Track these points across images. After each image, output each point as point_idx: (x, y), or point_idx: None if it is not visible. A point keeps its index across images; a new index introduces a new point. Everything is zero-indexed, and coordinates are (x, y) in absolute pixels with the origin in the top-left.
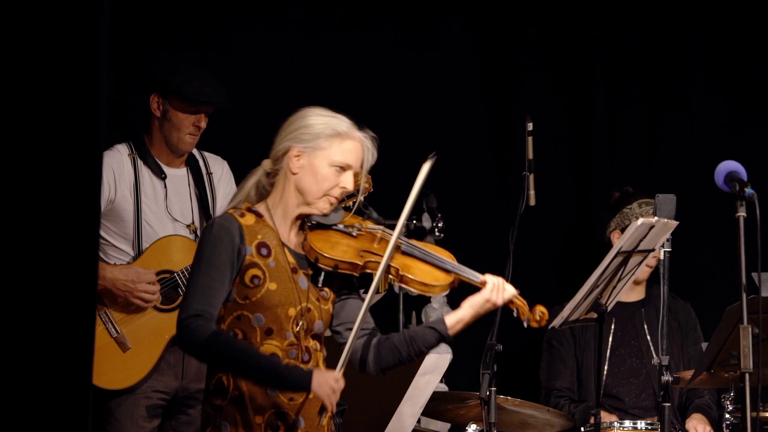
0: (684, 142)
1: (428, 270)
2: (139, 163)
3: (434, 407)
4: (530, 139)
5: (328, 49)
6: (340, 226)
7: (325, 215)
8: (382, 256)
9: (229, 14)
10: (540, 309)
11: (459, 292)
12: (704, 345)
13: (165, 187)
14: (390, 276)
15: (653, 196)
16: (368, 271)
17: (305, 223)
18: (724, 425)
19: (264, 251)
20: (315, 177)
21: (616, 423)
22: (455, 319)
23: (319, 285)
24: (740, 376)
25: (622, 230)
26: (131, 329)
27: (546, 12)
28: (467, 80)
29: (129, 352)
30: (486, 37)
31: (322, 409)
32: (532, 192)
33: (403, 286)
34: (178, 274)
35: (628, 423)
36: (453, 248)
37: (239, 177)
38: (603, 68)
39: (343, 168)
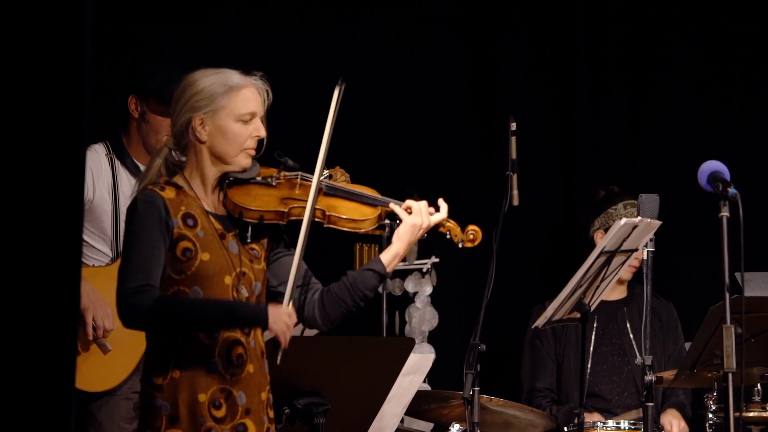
0: (668, 141)
1: (354, 207)
2: (117, 163)
3: (417, 407)
4: (513, 138)
5: (310, 48)
6: (258, 179)
7: (243, 170)
8: (304, 201)
9: (208, 15)
10: (472, 228)
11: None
12: (686, 345)
13: None
14: (317, 219)
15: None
16: (294, 218)
17: (223, 183)
18: (707, 425)
19: (190, 222)
20: (226, 137)
21: (599, 423)
22: (390, 254)
23: (248, 242)
24: (723, 376)
25: (606, 230)
26: (112, 332)
27: (531, 10)
28: (451, 79)
29: (109, 355)
30: (471, 35)
31: (277, 345)
32: (515, 192)
33: (332, 226)
34: None
35: (611, 423)
36: (436, 248)
37: None
38: (588, 67)
39: (249, 117)
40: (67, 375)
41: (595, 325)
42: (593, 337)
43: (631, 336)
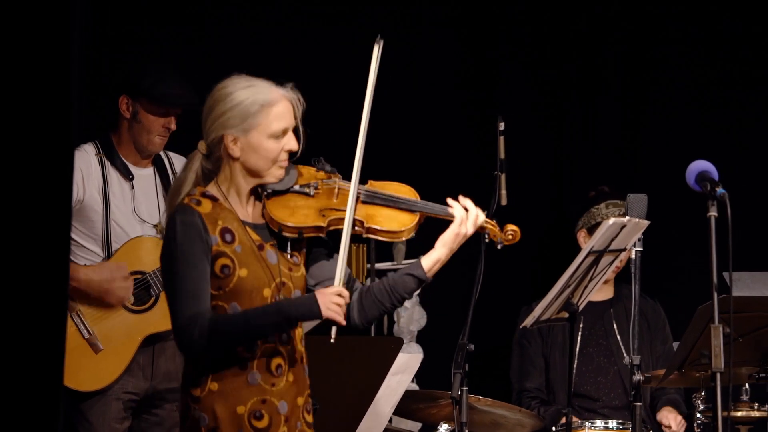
0: (660, 142)
1: (393, 215)
2: (107, 163)
3: (406, 406)
4: (502, 138)
5: (300, 48)
6: (296, 188)
7: (279, 180)
8: (343, 211)
9: (199, 13)
10: (510, 227)
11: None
12: (674, 344)
13: (132, 188)
14: (356, 230)
15: (623, 197)
16: (333, 227)
17: (260, 193)
18: (695, 425)
19: (228, 237)
20: (259, 154)
21: (587, 423)
22: (432, 260)
23: (288, 252)
24: (711, 376)
25: (588, 230)
26: (103, 331)
27: (528, 11)
28: (448, 78)
29: (101, 354)
30: (468, 35)
31: (332, 323)
32: (503, 192)
33: (371, 236)
34: (150, 276)
35: (599, 423)
36: (424, 248)
37: None
38: (581, 68)
39: (282, 133)
40: (55, 374)
41: (581, 325)
42: (579, 337)
43: (618, 336)
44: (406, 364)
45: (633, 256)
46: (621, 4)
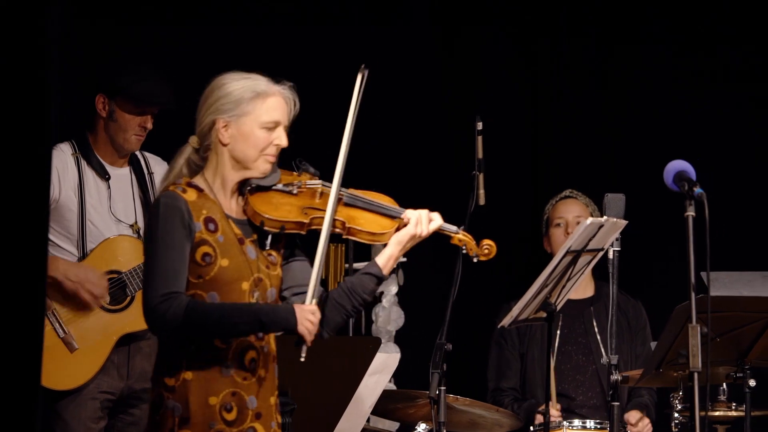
0: (634, 141)
1: (373, 218)
2: (83, 162)
3: (383, 406)
4: (480, 138)
5: (278, 46)
6: (280, 186)
7: (263, 177)
8: (324, 210)
9: (177, 13)
10: (486, 242)
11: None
12: (653, 344)
13: (109, 187)
14: (336, 229)
15: (571, 194)
16: (315, 227)
17: (244, 188)
18: (672, 425)
19: (212, 226)
20: (247, 142)
21: (565, 422)
22: (386, 257)
23: (267, 248)
24: (689, 375)
25: (546, 231)
26: (79, 330)
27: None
28: (421, 78)
29: (76, 353)
30: (442, 35)
31: (301, 342)
32: (481, 191)
33: (351, 237)
34: (126, 275)
35: (577, 422)
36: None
37: None
38: (556, 67)
39: (273, 125)
40: (33, 374)
41: (560, 323)
42: (558, 335)
43: (598, 335)
44: (384, 363)
45: (611, 256)
46: (591, 4)
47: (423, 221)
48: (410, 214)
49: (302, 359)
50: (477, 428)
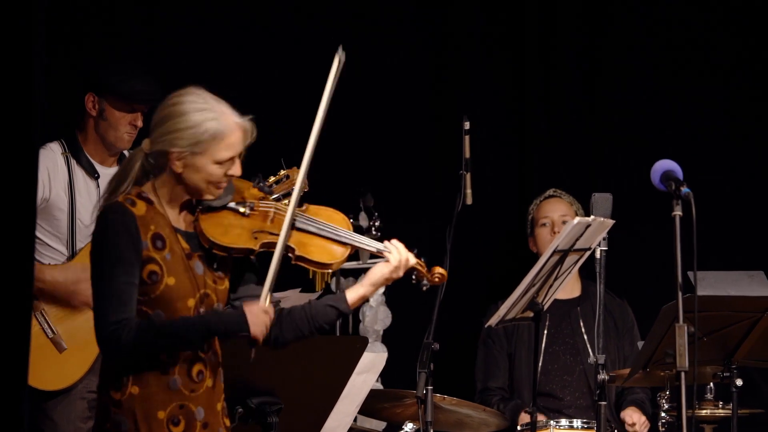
0: (621, 141)
1: (324, 245)
2: (72, 161)
3: (371, 406)
4: (467, 138)
5: (266, 45)
6: (232, 204)
7: (214, 199)
8: (276, 235)
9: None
10: (438, 270)
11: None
12: (640, 344)
13: (98, 186)
14: (287, 255)
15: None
16: (263, 250)
17: (195, 206)
18: (659, 424)
19: (159, 244)
20: (200, 175)
21: (552, 422)
22: (357, 296)
23: (215, 267)
24: (676, 375)
25: (531, 231)
26: (67, 330)
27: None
28: (408, 78)
29: (65, 353)
30: (427, 34)
31: (253, 342)
32: (468, 191)
33: (300, 264)
34: None
35: (564, 422)
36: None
37: None
38: (543, 66)
39: (229, 162)
40: (20, 374)
41: (547, 323)
42: (545, 335)
43: (585, 335)
44: (371, 363)
45: (598, 256)
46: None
47: (402, 266)
48: (393, 256)
49: (251, 359)
50: (464, 428)
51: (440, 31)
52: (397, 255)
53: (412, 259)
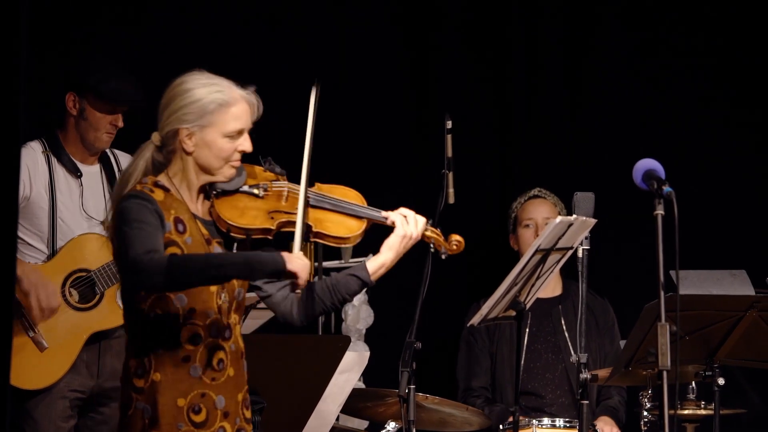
0: (603, 140)
1: (341, 221)
2: (53, 160)
3: (353, 405)
4: (449, 137)
5: (241, 44)
6: (245, 188)
7: (228, 181)
8: (292, 213)
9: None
10: (455, 238)
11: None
12: (622, 343)
13: (81, 184)
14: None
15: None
16: (282, 230)
17: (210, 191)
18: (641, 423)
19: (180, 227)
20: (211, 151)
21: (534, 421)
22: (377, 264)
23: (234, 251)
24: (658, 374)
25: (513, 230)
26: (48, 328)
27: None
28: (389, 76)
29: (46, 352)
30: (408, 32)
31: (294, 286)
32: (451, 190)
33: (318, 241)
34: (95, 273)
35: (546, 420)
36: (373, 247)
37: None
38: (524, 65)
39: (237, 134)
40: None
41: (529, 322)
42: (527, 333)
43: (566, 334)
44: (354, 362)
45: (580, 255)
46: (558, 2)
47: (411, 221)
48: (394, 216)
49: (298, 293)
50: (446, 426)
51: (422, 30)
52: (398, 215)
53: (421, 218)
